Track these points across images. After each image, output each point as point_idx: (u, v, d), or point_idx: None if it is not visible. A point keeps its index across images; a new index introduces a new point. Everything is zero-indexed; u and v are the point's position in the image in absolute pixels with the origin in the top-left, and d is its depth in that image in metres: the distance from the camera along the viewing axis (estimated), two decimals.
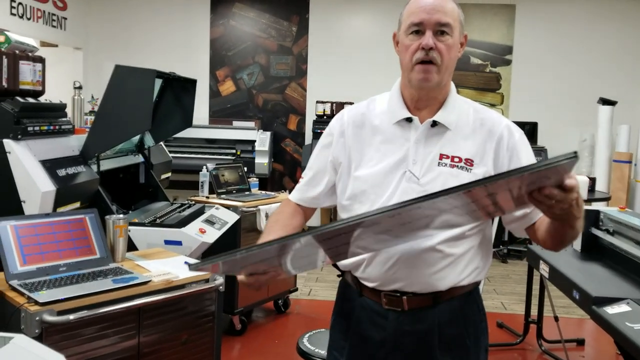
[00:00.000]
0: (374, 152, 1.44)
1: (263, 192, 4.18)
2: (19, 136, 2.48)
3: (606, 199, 3.89)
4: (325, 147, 1.54)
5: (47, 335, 1.74)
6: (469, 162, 1.39)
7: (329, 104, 6.44)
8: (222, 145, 6.22)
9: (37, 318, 1.71)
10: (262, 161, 6.12)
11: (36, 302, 1.74)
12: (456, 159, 1.39)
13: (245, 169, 4.16)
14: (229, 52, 6.78)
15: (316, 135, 6.06)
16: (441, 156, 1.39)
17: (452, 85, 1.47)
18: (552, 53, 6.43)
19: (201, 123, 6.34)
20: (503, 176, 0.96)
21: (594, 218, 2.75)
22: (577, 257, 2.71)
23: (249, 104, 6.82)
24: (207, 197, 3.76)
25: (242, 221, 3.51)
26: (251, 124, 6.50)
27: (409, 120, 1.43)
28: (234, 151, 6.15)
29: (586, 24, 6.37)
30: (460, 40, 1.42)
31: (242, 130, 6.31)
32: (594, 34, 6.37)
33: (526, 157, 1.41)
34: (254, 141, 6.18)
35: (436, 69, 1.36)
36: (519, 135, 1.44)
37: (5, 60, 2.58)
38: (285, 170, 6.84)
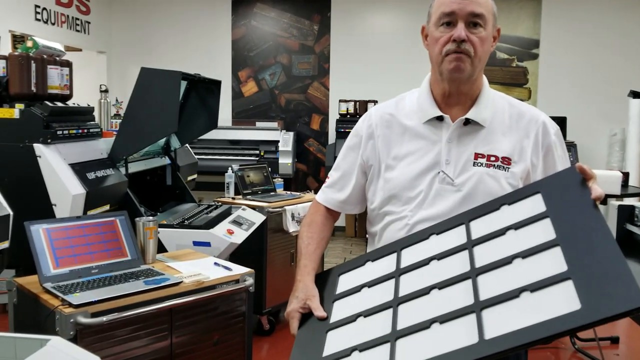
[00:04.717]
0: (404, 153, 1.40)
1: (288, 192, 4.17)
2: (49, 140, 2.51)
3: (639, 194, 3.78)
4: (351, 149, 1.50)
5: (81, 337, 1.74)
6: (506, 161, 1.34)
7: (352, 103, 6.40)
8: (245, 146, 6.23)
9: (72, 320, 1.72)
10: (285, 161, 6.11)
11: (70, 304, 1.75)
12: (492, 158, 1.34)
13: (269, 169, 4.16)
14: (250, 52, 6.79)
15: (340, 135, 6.03)
16: (476, 155, 1.35)
17: (485, 80, 1.42)
18: (580, 45, 6.30)
19: (224, 124, 6.37)
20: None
21: (628, 213, 2.67)
22: None
23: (271, 104, 6.82)
24: (233, 198, 3.77)
25: (268, 222, 3.50)
26: (274, 124, 6.51)
27: (440, 119, 1.38)
28: (257, 152, 6.16)
29: (614, 16, 6.23)
30: (494, 33, 1.37)
31: (265, 131, 6.33)
32: (623, 26, 6.22)
33: (560, 159, 1.37)
34: (278, 141, 6.18)
35: (469, 60, 1.31)
36: (555, 131, 1.39)
37: (34, 65, 2.61)
38: (309, 170, 6.83)
